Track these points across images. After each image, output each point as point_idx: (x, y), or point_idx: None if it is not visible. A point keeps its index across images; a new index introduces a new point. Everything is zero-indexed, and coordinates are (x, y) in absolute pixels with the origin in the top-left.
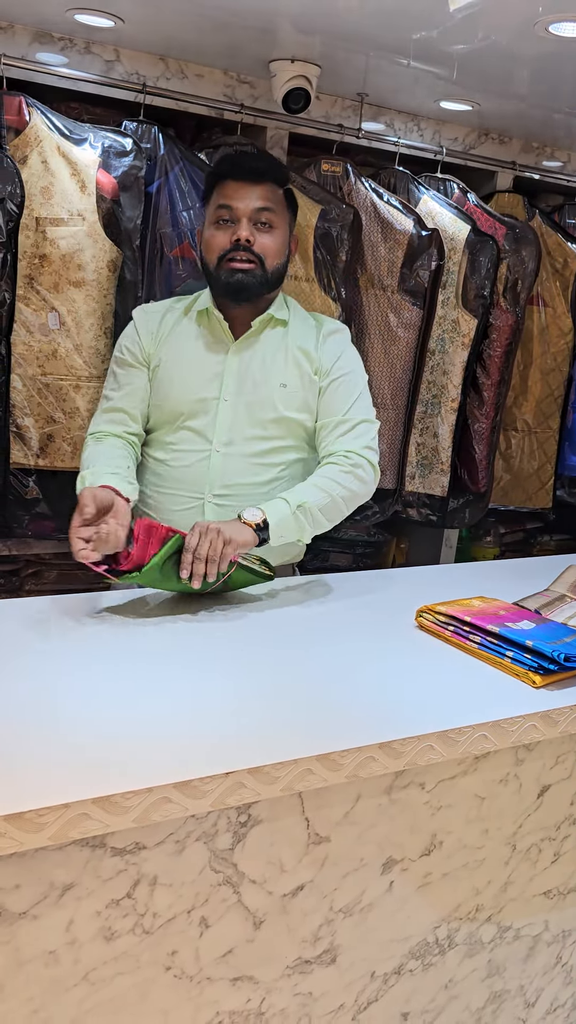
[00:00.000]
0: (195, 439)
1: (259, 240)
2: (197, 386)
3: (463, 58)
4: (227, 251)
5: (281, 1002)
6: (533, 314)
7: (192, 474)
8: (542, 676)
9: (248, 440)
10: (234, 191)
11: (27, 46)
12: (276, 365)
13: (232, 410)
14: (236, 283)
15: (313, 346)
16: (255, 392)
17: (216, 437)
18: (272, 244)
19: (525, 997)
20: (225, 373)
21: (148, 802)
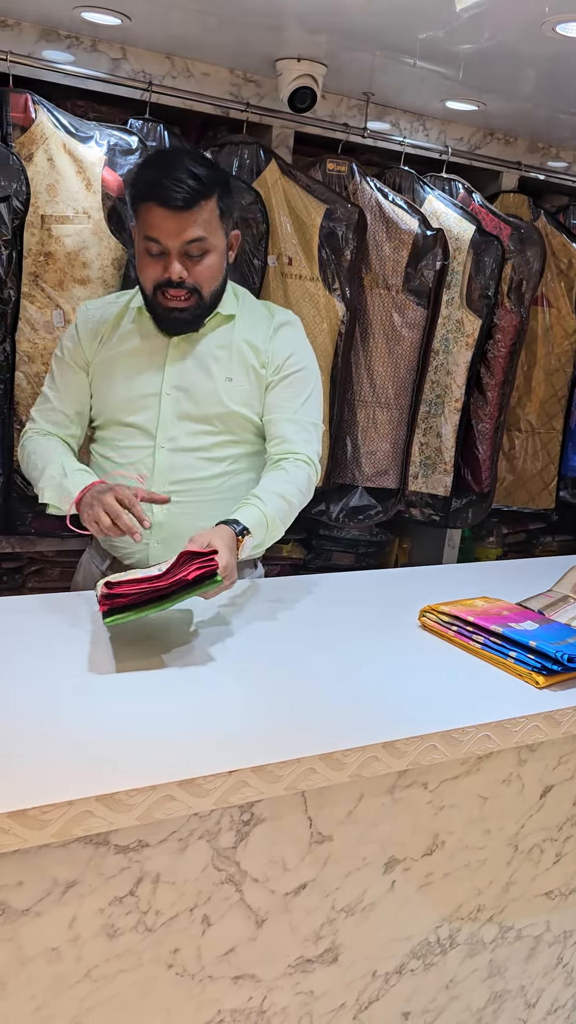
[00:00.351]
0: (139, 435)
1: (193, 272)
2: (139, 381)
3: (469, 58)
4: (161, 283)
5: (282, 1001)
6: (537, 314)
7: (136, 471)
8: (545, 677)
9: (193, 435)
10: (160, 221)
11: (34, 43)
12: (221, 359)
13: (175, 405)
14: (172, 321)
15: (263, 339)
16: (199, 386)
17: (160, 432)
18: (207, 270)
19: (526, 997)
20: (167, 367)
21: (151, 800)
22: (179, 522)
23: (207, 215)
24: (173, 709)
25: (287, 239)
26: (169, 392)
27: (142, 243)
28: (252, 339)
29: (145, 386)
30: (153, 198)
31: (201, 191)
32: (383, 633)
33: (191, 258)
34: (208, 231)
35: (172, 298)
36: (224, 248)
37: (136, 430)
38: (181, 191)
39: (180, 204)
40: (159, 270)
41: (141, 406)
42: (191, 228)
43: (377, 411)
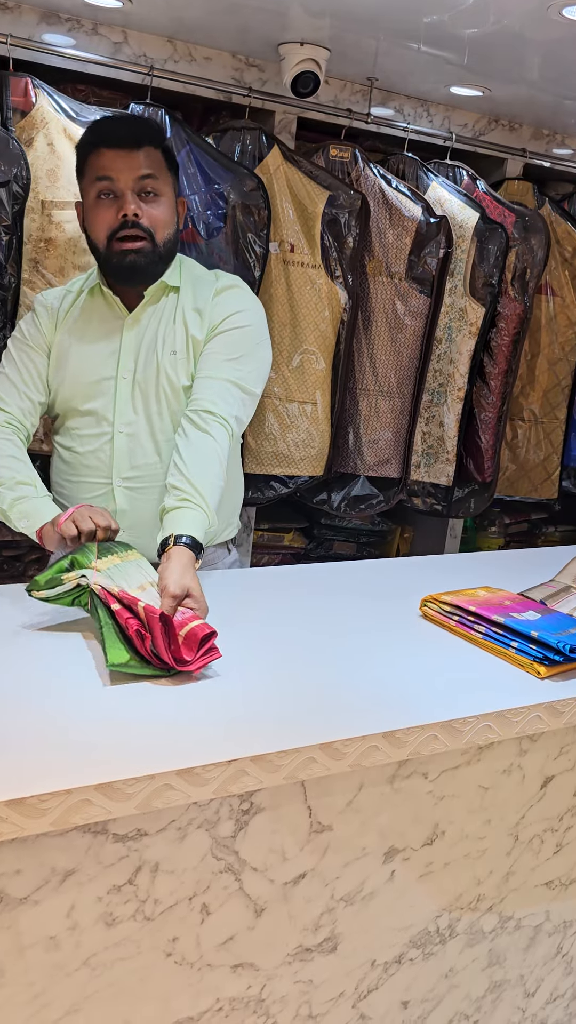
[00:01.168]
0: (96, 422)
1: (147, 212)
2: (93, 367)
3: (474, 42)
4: (115, 229)
5: (281, 989)
6: (541, 303)
7: (97, 459)
8: (547, 667)
9: (149, 417)
10: (111, 160)
11: (34, 26)
12: (168, 332)
13: (129, 388)
14: (128, 265)
15: (205, 302)
16: (150, 366)
17: (117, 418)
18: (161, 215)
19: (525, 987)
20: (121, 350)
21: (150, 789)
22: (140, 507)
23: (155, 159)
24: (172, 698)
25: (289, 226)
26: (125, 376)
27: (93, 188)
28: (198, 304)
29: (100, 371)
30: (103, 141)
31: (147, 133)
32: (384, 623)
33: (144, 197)
34: (158, 172)
35: (128, 240)
36: (173, 202)
37: (93, 417)
38: (129, 131)
39: (130, 142)
40: (112, 213)
41: (97, 392)
42: (142, 166)
43: (379, 400)
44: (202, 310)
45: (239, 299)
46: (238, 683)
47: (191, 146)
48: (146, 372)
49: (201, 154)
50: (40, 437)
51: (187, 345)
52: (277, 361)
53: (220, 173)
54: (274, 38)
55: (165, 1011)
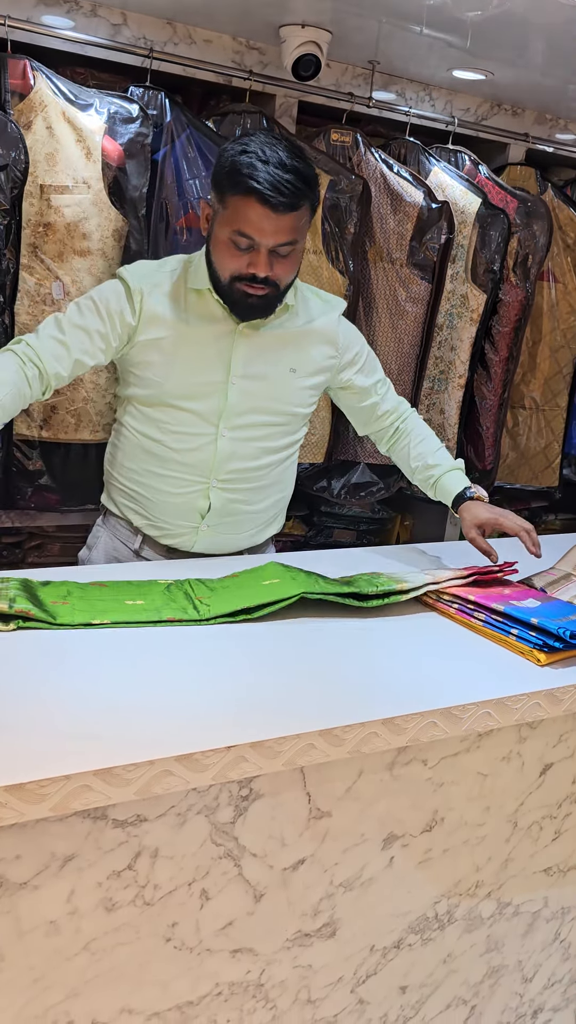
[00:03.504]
0: (199, 422)
1: (276, 268)
2: (203, 367)
3: (477, 25)
4: (241, 275)
5: (280, 974)
6: (543, 290)
7: (196, 458)
8: (547, 654)
9: (256, 426)
10: (258, 219)
11: (32, 8)
12: (287, 349)
13: (240, 394)
14: (247, 307)
15: (329, 331)
16: (265, 376)
17: (223, 422)
18: (289, 268)
19: (523, 972)
20: (233, 355)
21: (150, 775)
22: (229, 507)
23: (302, 219)
24: (172, 684)
25: None
26: (235, 381)
27: (229, 234)
28: (317, 330)
29: (210, 373)
30: (253, 194)
31: (304, 194)
32: (384, 610)
33: (278, 256)
34: (300, 234)
35: (254, 289)
36: (303, 245)
37: (196, 417)
38: (287, 195)
39: (284, 208)
40: (242, 263)
41: (205, 393)
42: (288, 231)
43: None
44: (331, 338)
45: (349, 323)
46: (236, 669)
47: (191, 130)
48: (260, 382)
49: (201, 138)
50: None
51: (312, 367)
52: None
53: None
54: (275, 20)
55: (164, 995)
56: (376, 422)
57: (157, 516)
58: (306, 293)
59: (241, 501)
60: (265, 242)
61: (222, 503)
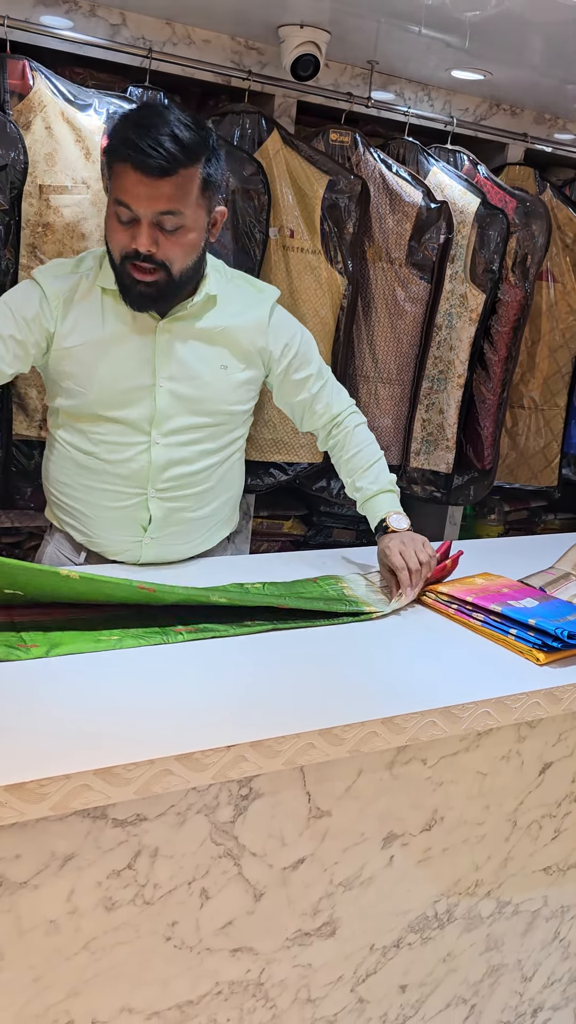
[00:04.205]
0: (129, 431)
1: (164, 245)
2: (127, 372)
3: (476, 25)
4: (129, 254)
5: (280, 973)
6: (542, 289)
7: (131, 469)
8: (546, 653)
9: (191, 429)
10: (132, 186)
11: (31, 8)
12: (214, 344)
13: (170, 398)
14: (138, 295)
15: (259, 323)
16: (195, 376)
17: (155, 428)
18: (181, 248)
19: (522, 971)
20: (157, 357)
21: (150, 774)
22: (172, 517)
23: (186, 186)
24: (172, 683)
25: (289, 211)
26: (163, 384)
27: (113, 207)
28: (246, 323)
29: (135, 378)
30: (127, 160)
31: (182, 159)
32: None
33: (163, 231)
34: (185, 205)
35: (139, 271)
36: (204, 225)
37: (125, 425)
38: (159, 156)
39: (156, 171)
40: (127, 238)
41: (132, 400)
42: (165, 199)
43: (379, 386)
44: (261, 330)
45: (286, 313)
46: (237, 669)
47: None
48: (190, 383)
49: None
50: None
51: (243, 362)
52: None
53: None
54: (274, 20)
55: (164, 995)
56: (310, 420)
57: (97, 532)
58: (238, 282)
59: (184, 508)
60: (142, 211)
61: (164, 513)
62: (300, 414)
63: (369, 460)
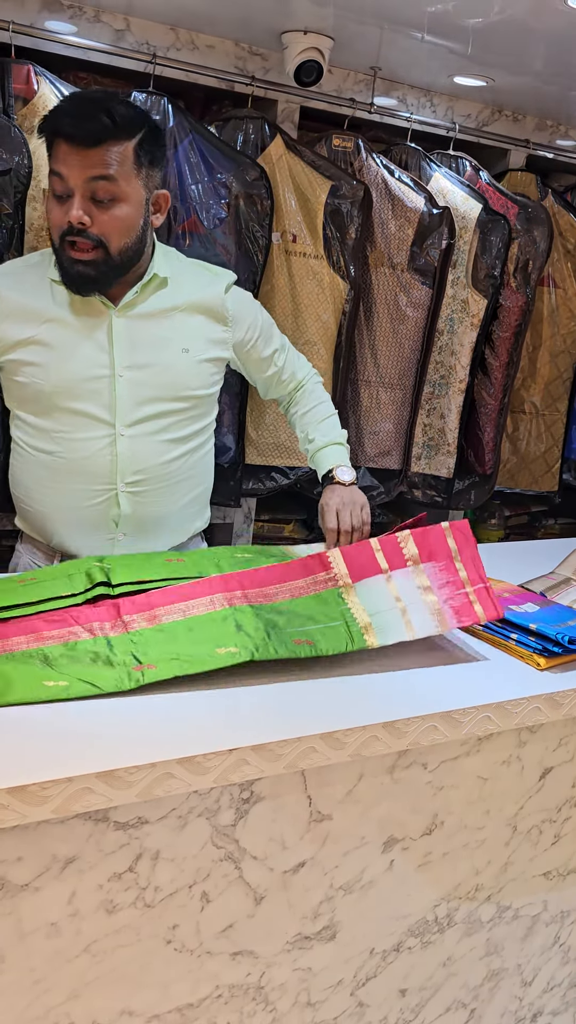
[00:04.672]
0: (91, 424)
1: (99, 219)
2: (83, 363)
3: (478, 32)
4: (64, 232)
5: (280, 977)
6: (543, 295)
7: (97, 464)
8: (546, 658)
9: (156, 417)
10: (65, 155)
11: (36, 14)
12: (173, 328)
13: (131, 386)
14: (76, 275)
15: (217, 305)
16: (155, 362)
17: (118, 419)
18: (117, 222)
19: (522, 976)
20: (113, 344)
21: (151, 777)
22: (144, 511)
23: (119, 158)
24: (174, 686)
25: (291, 216)
26: (122, 373)
27: (50, 180)
28: (204, 304)
29: (92, 368)
30: (60, 131)
31: (112, 130)
32: None
33: (97, 203)
34: (119, 173)
35: (77, 249)
36: (142, 202)
37: (87, 419)
38: (89, 126)
39: (86, 139)
40: (63, 214)
41: (91, 390)
42: (96, 166)
43: (381, 391)
44: (218, 314)
45: (242, 292)
46: (239, 672)
47: (194, 135)
48: (150, 369)
49: (204, 143)
50: None
51: (204, 344)
52: None
53: (223, 162)
54: (277, 26)
55: (165, 998)
56: (275, 389)
57: (67, 534)
58: (192, 267)
59: (156, 502)
60: (73, 178)
61: (134, 508)
62: (267, 386)
63: (323, 415)
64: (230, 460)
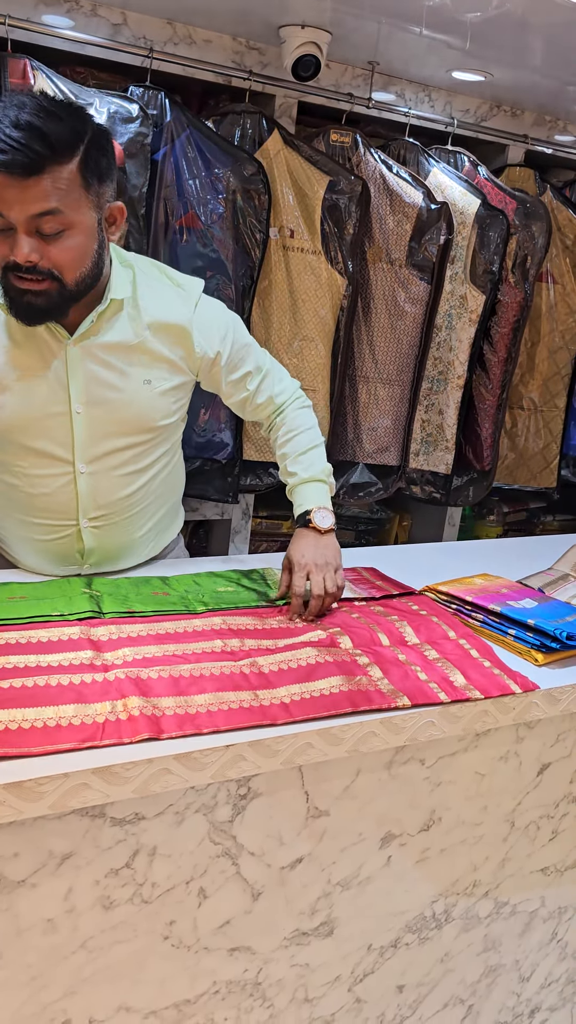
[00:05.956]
0: (51, 463)
1: (48, 254)
2: (39, 398)
3: (477, 26)
4: (7, 266)
5: (278, 973)
6: (542, 291)
7: (58, 501)
8: (544, 654)
9: (116, 451)
10: (3, 190)
11: (32, 7)
12: (132, 357)
13: (89, 423)
14: (26, 307)
15: (182, 322)
16: (114, 398)
17: (78, 457)
18: (69, 253)
19: (520, 972)
20: (70, 378)
21: (148, 773)
22: (109, 543)
23: (62, 185)
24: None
25: (289, 211)
26: (80, 410)
27: None
28: (168, 326)
29: (48, 403)
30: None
31: (47, 155)
32: None
33: (44, 237)
34: (64, 203)
35: (27, 281)
36: (93, 225)
37: (46, 458)
38: (19, 154)
39: (24, 169)
40: (5, 248)
41: (48, 427)
42: (38, 200)
43: (379, 387)
44: (183, 338)
45: (213, 308)
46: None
47: (191, 130)
48: (109, 405)
49: (201, 138)
50: None
51: (168, 371)
52: (276, 348)
53: (220, 157)
54: (275, 20)
55: (162, 994)
56: (252, 412)
57: (35, 564)
58: (154, 279)
59: (120, 534)
60: (14, 216)
61: (99, 541)
62: (242, 408)
63: (305, 446)
64: (228, 456)
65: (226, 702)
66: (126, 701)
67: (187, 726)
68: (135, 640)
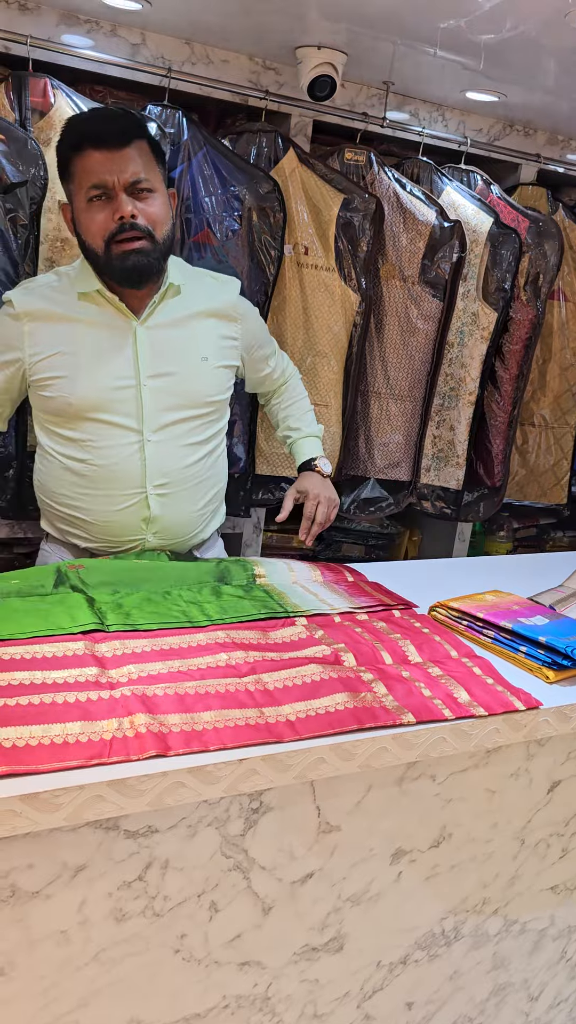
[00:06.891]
0: (118, 432)
1: (143, 211)
2: (109, 374)
3: (491, 48)
4: (113, 232)
5: (287, 988)
6: (553, 308)
7: (126, 470)
8: (555, 671)
9: (179, 422)
10: (101, 164)
11: (53, 27)
12: (191, 336)
13: (155, 394)
14: (132, 267)
15: (228, 308)
16: (176, 371)
17: (146, 426)
18: (157, 211)
19: (529, 991)
20: (139, 355)
21: (162, 786)
22: (171, 512)
23: (144, 155)
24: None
25: (304, 228)
26: (147, 383)
27: (84, 197)
28: (218, 311)
29: (118, 379)
30: (89, 141)
31: (133, 128)
32: None
33: (137, 198)
34: (147, 172)
35: (127, 241)
36: (166, 194)
37: (113, 427)
38: (115, 127)
39: (117, 141)
40: (107, 216)
41: (118, 400)
42: (132, 165)
43: (391, 403)
44: (232, 317)
45: (248, 305)
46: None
47: (208, 148)
48: (172, 377)
49: (217, 156)
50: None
51: (220, 351)
52: None
53: (236, 175)
54: (291, 41)
55: (172, 1007)
56: (264, 385)
57: (101, 536)
58: (198, 274)
59: (180, 504)
60: (115, 180)
61: (162, 509)
62: (259, 384)
63: (306, 408)
64: (240, 470)
65: (232, 719)
66: (133, 718)
67: (194, 743)
68: (139, 656)
